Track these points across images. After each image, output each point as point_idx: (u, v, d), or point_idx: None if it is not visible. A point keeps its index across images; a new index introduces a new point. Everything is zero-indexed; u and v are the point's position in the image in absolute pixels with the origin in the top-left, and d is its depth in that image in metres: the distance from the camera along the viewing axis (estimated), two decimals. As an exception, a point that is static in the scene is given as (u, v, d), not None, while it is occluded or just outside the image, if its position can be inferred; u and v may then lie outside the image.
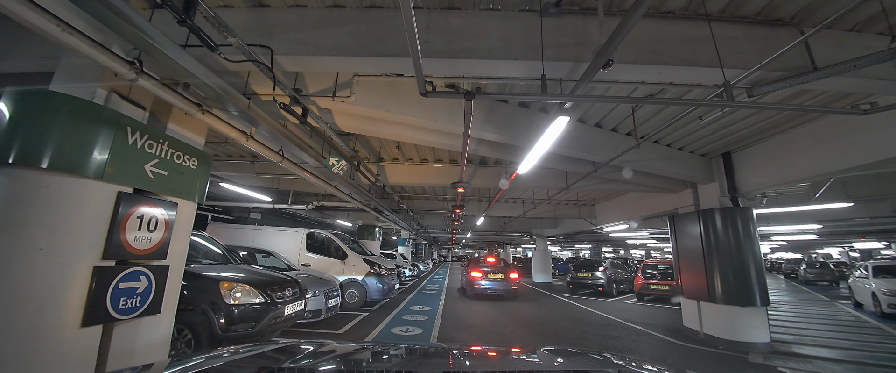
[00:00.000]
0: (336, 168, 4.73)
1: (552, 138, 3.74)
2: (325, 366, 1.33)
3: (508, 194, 11.43)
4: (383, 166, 7.67)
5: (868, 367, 5.14)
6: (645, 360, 1.44)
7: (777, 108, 3.56)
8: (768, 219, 10.55)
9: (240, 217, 15.08)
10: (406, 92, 4.22)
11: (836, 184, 7.70)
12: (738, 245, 6.09)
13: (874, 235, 16.22)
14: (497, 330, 6.97)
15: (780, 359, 5.43)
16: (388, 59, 3.04)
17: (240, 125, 3.51)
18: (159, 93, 2.45)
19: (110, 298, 2.39)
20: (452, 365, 1.39)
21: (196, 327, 3.82)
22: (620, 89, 4.17)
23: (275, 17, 3.11)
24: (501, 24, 3.08)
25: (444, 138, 5.12)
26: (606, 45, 2.35)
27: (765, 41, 3.05)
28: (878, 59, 2.58)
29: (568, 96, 2.96)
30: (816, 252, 33.95)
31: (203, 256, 5.02)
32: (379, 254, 14.24)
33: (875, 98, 3.73)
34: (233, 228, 9.29)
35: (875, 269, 10.08)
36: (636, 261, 21.67)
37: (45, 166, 2.16)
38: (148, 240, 2.69)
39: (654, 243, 24.86)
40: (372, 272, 8.84)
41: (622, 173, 6.02)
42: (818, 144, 4.93)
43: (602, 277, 13.51)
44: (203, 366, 1.12)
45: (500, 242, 30.00)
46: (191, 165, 3.10)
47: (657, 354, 5.60)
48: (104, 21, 2.01)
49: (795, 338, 6.73)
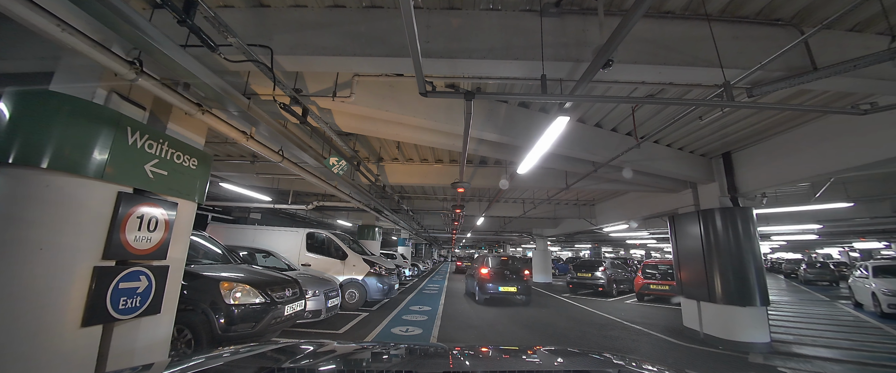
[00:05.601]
0: (336, 168, 4.73)
1: (552, 138, 3.74)
2: (325, 366, 1.33)
3: (508, 194, 11.43)
4: (383, 166, 7.67)
5: (868, 367, 5.14)
6: (645, 360, 1.44)
7: (777, 108, 3.56)
8: (768, 219, 10.55)
9: (240, 217, 15.08)
10: (406, 92, 4.22)
11: (836, 184, 7.70)
12: (738, 245, 6.08)
13: (874, 235, 16.22)
14: (497, 330, 6.97)
15: (780, 359, 5.43)
16: (388, 59, 3.04)
17: (240, 125, 3.50)
18: (159, 93, 2.45)
19: (110, 298, 2.39)
20: (452, 365, 1.38)
21: (196, 327, 3.82)
22: (620, 89, 4.17)
23: (275, 17, 3.11)
24: (501, 24, 3.07)
25: (444, 138, 5.12)
26: (606, 45, 2.35)
27: (765, 41, 3.05)
28: (878, 59, 2.58)
29: (568, 96, 2.96)
30: (816, 252, 33.94)
31: (203, 256, 5.01)
32: (379, 254, 14.24)
33: (875, 98, 3.73)
34: (233, 228, 9.29)
35: (875, 269, 10.08)
36: (636, 261, 21.65)
37: (45, 166, 2.16)
38: (148, 240, 2.69)
39: (654, 243, 24.86)
40: (372, 272, 8.84)
41: (622, 173, 6.02)
42: (818, 144, 4.93)
43: (602, 277, 13.51)
44: (203, 366, 1.12)
45: (500, 242, 30.01)
46: (191, 165, 3.10)
47: (657, 354, 5.60)
48: (104, 21, 2.01)
49: (795, 338, 6.73)
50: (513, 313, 8.91)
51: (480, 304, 10.07)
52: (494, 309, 9.34)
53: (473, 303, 10.27)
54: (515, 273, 10.28)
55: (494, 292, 9.85)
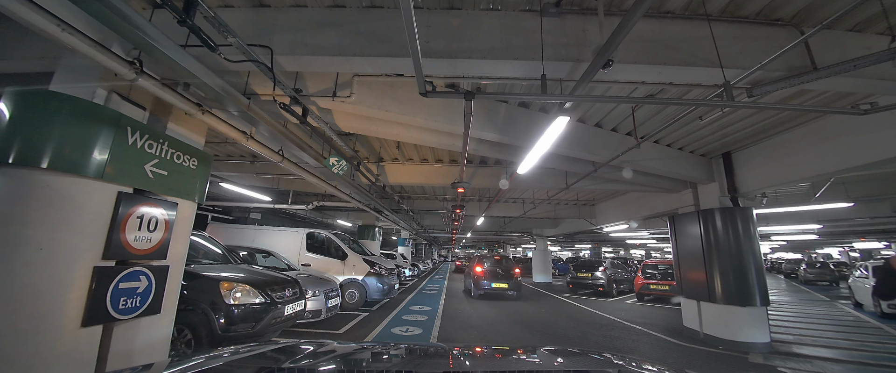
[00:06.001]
0: (336, 168, 4.73)
1: (552, 138, 3.74)
2: (325, 366, 1.33)
3: (508, 194, 11.43)
4: (383, 166, 7.67)
5: (868, 367, 5.14)
6: (645, 360, 1.44)
7: (777, 108, 3.56)
8: (768, 219, 10.54)
9: (240, 217, 15.07)
10: (406, 92, 4.22)
11: (836, 184, 7.70)
12: (738, 245, 6.08)
13: (874, 235, 16.21)
14: (497, 330, 6.97)
15: (780, 359, 5.43)
16: (388, 59, 3.04)
17: (240, 125, 3.51)
18: (159, 93, 2.45)
19: (110, 298, 2.39)
20: (452, 365, 1.39)
21: (196, 327, 3.82)
22: (620, 89, 4.17)
23: (275, 17, 3.11)
24: (501, 24, 3.07)
25: (444, 138, 5.12)
26: (606, 45, 2.35)
27: (765, 41, 3.05)
28: (878, 59, 2.58)
29: (568, 96, 2.96)
30: (816, 252, 33.94)
31: (203, 256, 5.01)
32: (379, 254, 14.24)
33: (875, 98, 3.72)
34: (233, 228, 9.29)
35: (875, 269, 10.07)
36: (636, 261, 21.64)
37: (45, 166, 2.16)
38: (148, 240, 2.69)
39: (654, 243, 24.86)
40: (372, 272, 8.83)
41: (622, 173, 6.02)
42: (818, 144, 4.93)
43: (602, 277, 13.51)
44: (203, 366, 1.12)
45: (500, 242, 30.00)
46: (191, 165, 3.10)
47: (657, 354, 5.60)
48: (104, 21, 2.01)
49: (795, 338, 6.73)
50: (513, 313, 8.91)
51: (476, 298, 10.99)
52: (494, 309, 9.35)
53: (472, 300, 10.90)
54: (507, 271, 11.26)
55: (488, 287, 10.92)
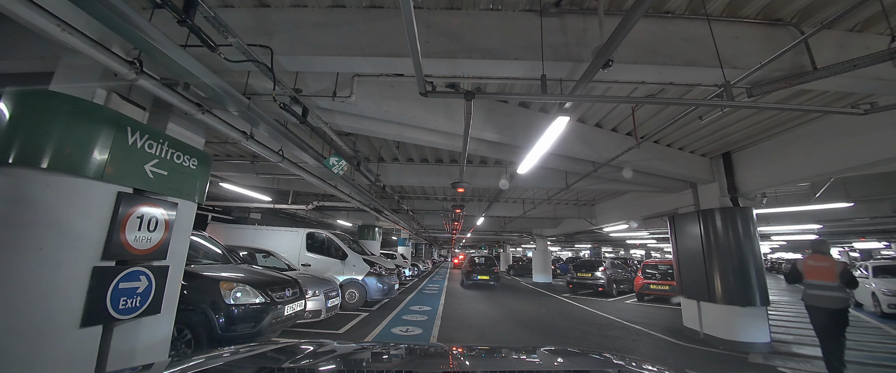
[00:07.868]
0: (336, 168, 4.73)
1: (552, 138, 3.74)
2: (325, 366, 1.33)
3: (508, 194, 11.43)
4: (383, 166, 7.66)
5: (868, 367, 5.14)
6: (645, 360, 1.44)
7: (777, 108, 3.55)
8: (768, 219, 10.55)
9: (240, 217, 15.05)
10: (406, 92, 4.22)
11: (836, 184, 7.69)
12: (738, 245, 6.08)
13: (874, 235, 16.19)
14: (497, 330, 6.97)
15: (780, 359, 5.43)
16: (388, 59, 3.04)
17: (240, 125, 3.50)
18: (159, 93, 2.45)
19: (110, 298, 2.39)
20: (452, 365, 1.39)
21: (196, 327, 3.82)
22: (620, 89, 4.17)
23: (275, 16, 3.11)
24: (501, 24, 3.07)
25: (444, 138, 5.12)
26: (606, 45, 2.35)
27: (765, 41, 3.05)
28: (878, 59, 2.58)
29: (568, 96, 2.96)
30: (816, 252, 33.84)
31: (203, 256, 5.01)
32: (379, 254, 14.25)
33: (875, 98, 3.72)
34: (233, 228, 9.29)
35: (875, 269, 10.08)
36: (636, 261, 21.63)
37: (45, 166, 2.16)
38: (148, 240, 2.69)
39: (654, 243, 24.85)
40: (372, 272, 8.83)
41: (622, 173, 6.02)
42: (818, 144, 4.93)
43: (602, 277, 13.51)
44: (203, 366, 1.12)
45: (500, 242, 29.99)
46: (191, 165, 3.10)
47: (657, 354, 5.60)
48: (104, 21, 2.01)
49: (795, 338, 6.72)
50: (513, 313, 8.91)
51: (467, 288, 14.44)
52: (494, 309, 9.36)
53: (466, 290, 13.62)
54: (489, 268, 15.11)
55: (476, 279, 14.73)
